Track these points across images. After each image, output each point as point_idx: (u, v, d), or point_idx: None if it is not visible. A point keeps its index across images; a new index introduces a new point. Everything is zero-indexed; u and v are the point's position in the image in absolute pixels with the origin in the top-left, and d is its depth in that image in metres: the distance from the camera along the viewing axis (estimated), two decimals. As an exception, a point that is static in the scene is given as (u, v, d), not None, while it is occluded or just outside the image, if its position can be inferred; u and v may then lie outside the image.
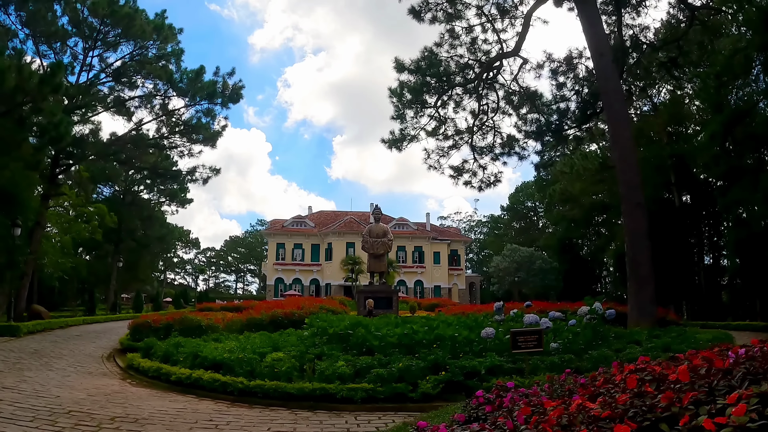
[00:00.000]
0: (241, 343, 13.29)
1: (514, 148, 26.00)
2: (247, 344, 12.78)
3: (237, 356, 10.51)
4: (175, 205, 68.24)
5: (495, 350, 10.57)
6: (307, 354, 10.59)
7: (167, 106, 34.20)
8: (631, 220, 18.51)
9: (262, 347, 11.74)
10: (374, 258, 34.25)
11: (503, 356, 10.23)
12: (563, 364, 10.31)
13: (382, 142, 24.73)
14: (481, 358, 9.95)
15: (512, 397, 4.53)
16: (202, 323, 17.85)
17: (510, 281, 63.01)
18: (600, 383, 3.63)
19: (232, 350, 11.64)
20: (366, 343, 10.72)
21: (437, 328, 10.97)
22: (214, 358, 10.80)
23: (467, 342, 10.50)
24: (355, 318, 13.24)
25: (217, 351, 11.59)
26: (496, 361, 9.77)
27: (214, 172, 33.67)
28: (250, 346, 11.84)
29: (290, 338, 13.86)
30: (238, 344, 12.88)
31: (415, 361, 9.27)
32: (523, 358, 10.13)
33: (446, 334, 10.40)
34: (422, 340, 10.38)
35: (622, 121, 19.89)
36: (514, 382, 9.37)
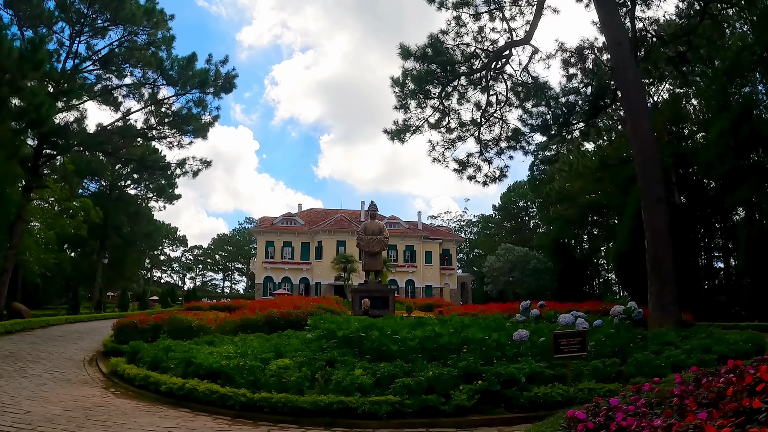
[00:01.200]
0: (238, 347, 12.01)
1: (520, 141, 24.85)
2: (245, 348, 11.51)
3: (237, 363, 9.24)
4: (162, 201, 66.61)
5: (529, 354, 9.39)
6: (317, 360, 9.34)
7: (156, 96, 32.72)
8: (652, 216, 17.39)
9: (264, 352, 10.49)
10: (370, 256, 33.06)
11: (540, 361, 9.04)
12: (607, 369, 9.19)
13: (385, 133, 23.49)
14: (516, 363, 8.74)
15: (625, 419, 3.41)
16: (192, 324, 16.53)
17: (504, 281, 61.98)
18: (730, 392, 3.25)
19: (229, 356, 10.36)
20: (382, 347, 9.47)
21: (463, 330, 9.74)
22: (210, 365, 9.51)
23: (498, 346, 9.29)
24: (368, 320, 11.97)
25: (212, 357, 10.30)
26: (536, 367, 8.58)
27: (205, 164, 32.22)
28: (250, 351, 10.58)
29: (292, 341, 12.60)
30: (235, 348, 11.59)
31: (446, 369, 8.04)
32: (563, 363, 8.97)
33: (475, 337, 9.16)
34: (447, 344, 9.15)
35: (641, 112, 18.78)
36: (560, 391, 8.28)
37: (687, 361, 10.20)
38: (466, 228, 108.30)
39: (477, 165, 24.90)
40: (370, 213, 34.77)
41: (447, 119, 25.11)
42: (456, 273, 77.97)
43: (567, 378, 8.63)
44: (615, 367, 9.32)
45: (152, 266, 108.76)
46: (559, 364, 9.01)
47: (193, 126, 31.65)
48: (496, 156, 24.81)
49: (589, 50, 24.77)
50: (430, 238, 75.60)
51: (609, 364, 9.30)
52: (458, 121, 25.04)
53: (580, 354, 8.86)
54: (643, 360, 9.66)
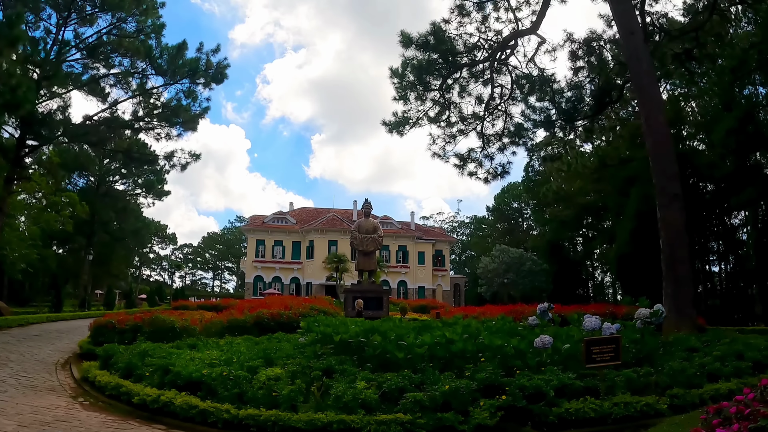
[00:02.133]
0: (223, 352, 10.86)
1: (523, 137, 23.80)
2: (231, 354, 10.36)
3: (220, 372, 8.06)
4: (151, 197, 65.23)
5: (553, 363, 8.30)
6: (312, 369, 8.21)
7: (145, 86, 31.45)
8: (668, 214, 16.34)
9: (252, 359, 9.33)
10: (363, 255, 31.94)
11: (565, 370, 7.94)
12: (641, 379, 8.12)
13: (383, 125, 22.35)
14: (541, 374, 7.64)
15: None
16: (176, 325, 15.33)
17: (499, 283, 60.98)
18: None
19: (213, 362, 9.21)
20: (386, 355, 8.35)
21: (478, 335, 8.63)
22: (190, 374, 8.32)
23: (517, 353, 8.18)
24: (367, 323, 10.83)
25: (194, 364, 9.13)
26: (564, 378, 7.47)
27: (194, 157, 30.95)
28: (236, 358, 9.41)
29: (283, 346, 11.47)
30: (219, 353, 10.43)
31: (464, 382, 6.92)
32: (591, 372, 7.90)
33: (493, 344, 8.04)
34: (462, 351, 8.03)
35: (656, 105, 17.77)
36: (593, 406, 7.20)
37: (723, 369, 9.23)
38: (459, 229, 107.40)
39: (478, 161, 23.85)
40: (364, 211, 33.66)
41: (447, 113, 24.04)
42: (449, 274, 76.92)
43: (600, 391, 7.55)
44: (649, 377, 8.25)
45: (141, 264, 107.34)
46: (587, 374, 7.95)
47: (183, 118, 30.43)
48: (498, 152, 23.79)
49: (597, 42, 23.72)
50: (423, 238, 74.52)
51: (643, 374, 8.23)
52: (459, 115, 24.00)
53: (614, 363, 7.80)
54: (678, 369, 8.63)
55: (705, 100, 43.49)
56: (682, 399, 7.76)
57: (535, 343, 8.20)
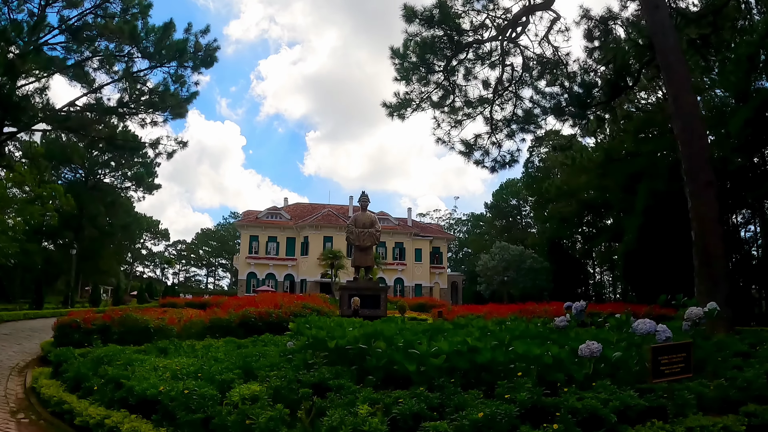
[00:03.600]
0: (197, 359, 9.18)
1: (533, 122, 22.13)
2: (205, 361, 8.67)
3: (182, 389, 6.33)
4: (142, 190, 63.46)
5: (601, 374, 6.63)
6: (300, 385, 6.52)
7: (130, 69, 29.63)
8: (700, 203, 14.67)
9: (228, 370, 7.61)
10: (360, 251, 30.30)
11: (616, 384, 6.26)
12: (713, 393, 6.47)
13: (384, 107, 20.62)
14: (591, 391, 5.96)
15: None
16: (149, 325, 13.61)
17: (498, 281, 59.34)
18: None
19: (179, 373, 7.50)
20: (392, 366, 6.64)
21: (507, 342, 6.91)
22: (145, 390, 6.57)
23: (558, 364, 6.47)
24: (368, 326, 9.12)
25: (155, 375, 7.41)
26: (626, 397, 5.78)
27: (181, 144, 29.17)
28: (209, 367, 7.68)
29: (269, 351, 9.77)
30: (191, 361, 8.71)
31: (502, 406, 5.21)
32: (650, 387, 6.25)
33: (531, 353, 6.31)
34: (490, 363, 6.31)
35: (684, 84, 16.11)
36: None
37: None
38: (456, 227, 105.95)
39: (485, 148, 22.14)
40: (361, 204, 31.97)
41: (452, 97, 22.34)
42: (446, 272, 75.41)
43: (667, 411, 5.89)
44: (721, 391, 6.60)
45: (134, 260, 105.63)
46: (646, 389, 6.29)
47: (170, 103, 28.64)
48: (506, 138, 22.10)
49: (614, 22, 22.06)
50: (420, 235, 72.94)
51: (714, 387, 6.59)
52: (464, 99, 22.29)
53: (684, 376, 6.15)
54: (752, 378, 6.99)
55: (713, 94, 42.08)
56: (762, 417, 6.11)
57: (581, 350, 6.51)
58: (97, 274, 62.42)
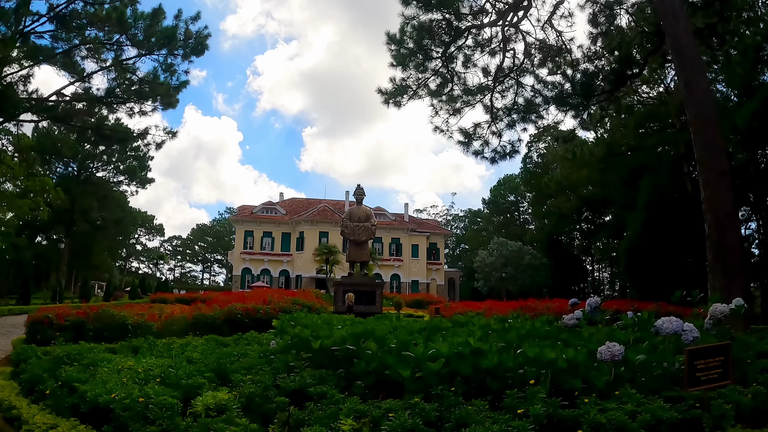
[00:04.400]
0: (171, 359, 8.32)
1: (535, 112, 21.25)
2: (178, 362, 7.80)
3: (136, 397, 5.45)
4: (134, 184, 62.46)
5: (623, 379, 5.76)
6: (276, 392, 5.65)
7: (119, 58, 28.68)
8: (714, 193, 13.79)
9: (199, 373, 6.75)
10: (355, 245, 29.47)
11: (642, 392, 5.38)
12: (751, 402, 5.60)
13: (379, 94, 19.67)
14: (614, 400, 5.11)
15: None
16: (127, 321, 12.72)
17: (497, 277, 58.46)
18: None
19: (144, 377, 6.64)
20: (384, 371, 5.76)
21: (515, 343, 6.04)
22: (97, 397, 5.69)
23: (571, 368, 5.58)
24: (359, 324, 8.22)
25: (116, 379, 6.53)
26: (658, 409, 4.91)
27: (170, 134, 28.23)
28: (176, 370, 6.79)
29: (251, 350, 8.89)
30: (163, 362, 7.82)
31: (515, 422, 4.34)
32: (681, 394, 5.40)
33: (544, 357, 5.42)
34: (496, 367, 5.43)
35: (696, 68, 15.24)
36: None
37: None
38: (453, 223, 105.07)
39: (485, 138, 21.26)
40: (356, 197, 31.10)
41: (450, 85, 21.43)
42: (443, 268, 74.51)
43: (704, 424, 5.03)
44: (759, 399, 5.73)
45: (128, 256, 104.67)
46: (675, 398, 5.44)
47: (160, 93, 27.72)
48: (507, 128, 21.22)
49: (619, 7, 21.17)
50: (417, 231, 72.03)
51: (757, 393, 5.72)
52: (463, 87, 21.37)
53: (722, 383, 5.30)
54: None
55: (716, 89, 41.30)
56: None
57: (600, 353, 5.64)
58: (90, 270, 61.45)
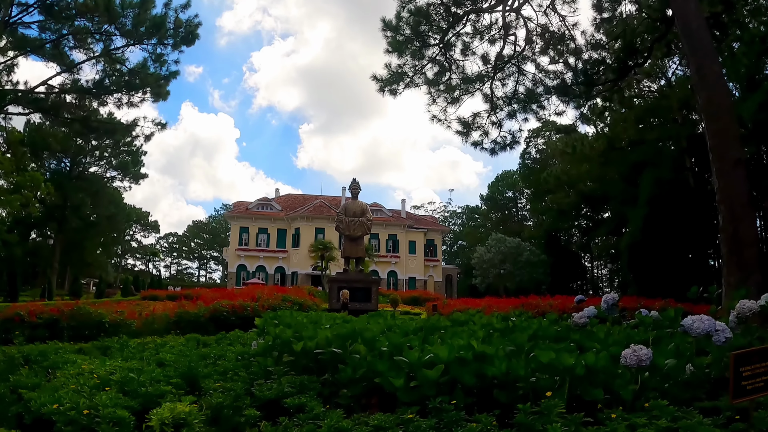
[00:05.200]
0: (142, 361, 7.53)
1: (537, 101, 20.46)
2: (148, 365, 7.01)
3: (84, 407, 4.65)
4: (128, 180, 61.54)
5: (648, 387, 4.95)
6: (249, 403, 4.86)
7: (108, 48, 27.83)
8: (729, 183, 12.99)
9: (166, 377, 5.96)
10: (350, 241, 28.77)
11: (673, 403, 4.58)
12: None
13: (374, 81, 18.81)
14: (640, 413, 4.32)
15: None
16: (104, 319, 11.93)
17: (495, 274, 57.72)
18: None
19: (105, 380, 5.84)
20: (374, 378, 4.97)
21: (525, 346, 5.22)
22: (40, 408, 4.89)
23: (591, 376, 4.78)
24: (347, 323, 7.42)
25: (73, 385, 5.74)
26: (695, 425, 4.13)
27: (159, 126, 27.39)
28: (138, 375, 5.98)
29: (230, 351, 8.09)
30: (131, 365, 7.03)
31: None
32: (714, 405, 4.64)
33: (562, 363, 4.61)
34: (505, 376, 4.63)
35: (708, 52, 14.45)
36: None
37: None
38: (450, 219, 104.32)
39: (484, 128, 20.45)
40: (351, 191, 30.34)
41: (448, 74, 20.61)
42: (441, 265, 73.73)
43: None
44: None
45: (123, 253, 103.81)
46: (709, 409, 4.67)
47: (150, 82, 26.86)
48: (507, 118, 20.41)
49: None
50: (414, 227, 71.25)
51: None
52: (462, 76, 20.56)
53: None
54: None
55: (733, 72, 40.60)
56: None
57: (625, 358, 4.86)
58: (83, 266, 60.54)
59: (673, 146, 41.00)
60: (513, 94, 20.22)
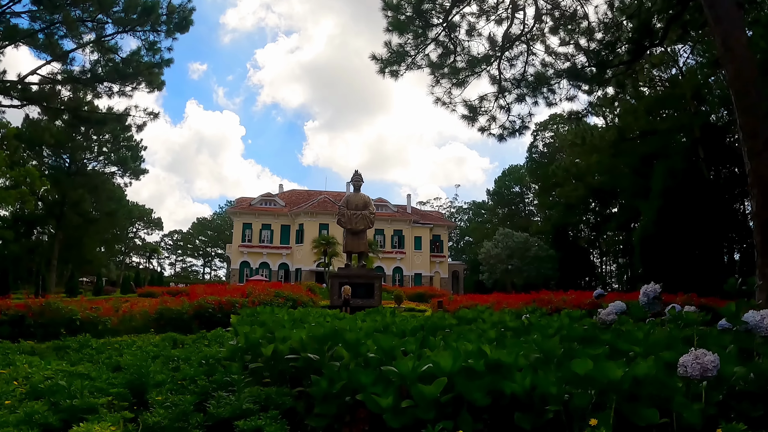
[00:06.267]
0: (97, 364, 6.45)
1: (548, 84, 19.24)
2: (100, 370, 5.92)
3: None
4: (128, 176, 60.51)
5: (714, 403, 3.76)
6: (197, 422, 3.75)
7: (101, 38, 26.79)
8: (761, 164, 11.76)
9: (108, 385, 4.85)
10: (352, 235, 27.73)
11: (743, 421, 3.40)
12: None
13: (374, 60, 17.55)
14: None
15: None
16: (75, 316, 10.83)
17: (502, 269, 56.50)
18: None
19: (33, 389, 4.74)
20: (355, 393, 3.83)
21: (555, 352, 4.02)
22: None
23: (637, 389, 3.60)
24: (334, 322, 6.26)
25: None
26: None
27: (151, 116, 26.30)
28: (68, 384, 4.86)
29: (201, 353, 6.98)
30: (77, 369, 5.95)
31: None
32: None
33: (605, 376, 3.41)
34: (528, 393, 3.46)
35: (735, 20, 13.20)
36: None
37: None
38: (457, 215, 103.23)
39: (492, 113, 19.26)
40: (353, 184, 29.25)
41: (453, 57, 19.41)
42: (447, 261, 72.58)
43: None
44: None
45: (127, 250, 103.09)
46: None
47: (142, 72, 25.77)
48: (516, 102, 19.19)
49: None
50: (419, 222, 70.09)
51: None
52: (467, 58, 19.35)
53: None
54: None
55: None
56: None
57: (684, 366, 3.69)
58: (83, 264, 59.59)
59: (686, 137, 39.71)
60: (522, 76, 18.99)
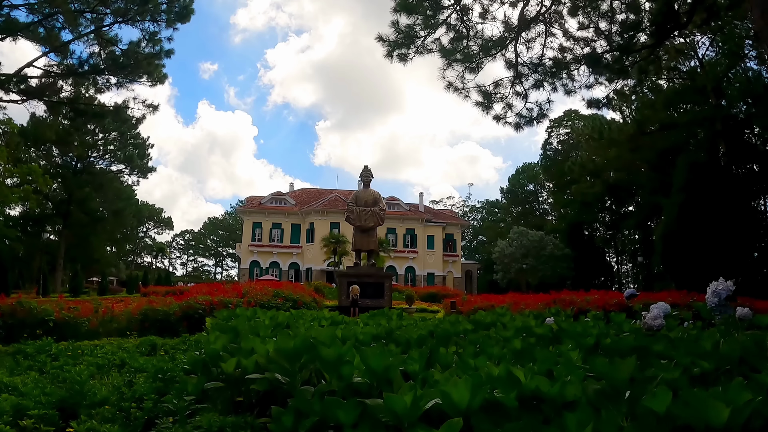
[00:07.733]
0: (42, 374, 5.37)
1: (567, 69, 18.00)
2: (40, 383, 4.82)
3: None
4: (135, 174, 59.80)
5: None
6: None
7: (100, 30, 25.97)
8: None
9: (36, 405, 3.75)
10: (361, 232, 26.64)
11: None
12: None
13: (381, 42, 16.32)
14: None
15: None
16: (49, 317, 9.78)
17: (516, 268, 55.14)
18: None
19: None
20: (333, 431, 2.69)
21: (623, 383, 2.84)
22: None
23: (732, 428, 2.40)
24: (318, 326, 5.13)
25: None
26: None
27: (150, 108, 25.37)
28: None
29: (173, 363, 5.89)
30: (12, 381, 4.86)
31: None
32: None
33: (708, 421, 2.21)
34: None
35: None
36: None
37: None
38: (470, 214, 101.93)
39: (507, 100, 18.02)
40: (363, 179, 28.20)
41: (465, 42, 18.20)
42: (460, 260, 71.26)
43: None
44: None
45: (137, 250, 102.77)
46: None
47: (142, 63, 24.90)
48: (533, 88, 17.96)
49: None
50: (432, 221, 68.84)
51: None
52: (481, 43, 18.13)
53: None
54: None
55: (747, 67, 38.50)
56: None
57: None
58: (89, 263, 58.87)
59: (706, 130, 38.35)
60: (539, 60, 17.75)
